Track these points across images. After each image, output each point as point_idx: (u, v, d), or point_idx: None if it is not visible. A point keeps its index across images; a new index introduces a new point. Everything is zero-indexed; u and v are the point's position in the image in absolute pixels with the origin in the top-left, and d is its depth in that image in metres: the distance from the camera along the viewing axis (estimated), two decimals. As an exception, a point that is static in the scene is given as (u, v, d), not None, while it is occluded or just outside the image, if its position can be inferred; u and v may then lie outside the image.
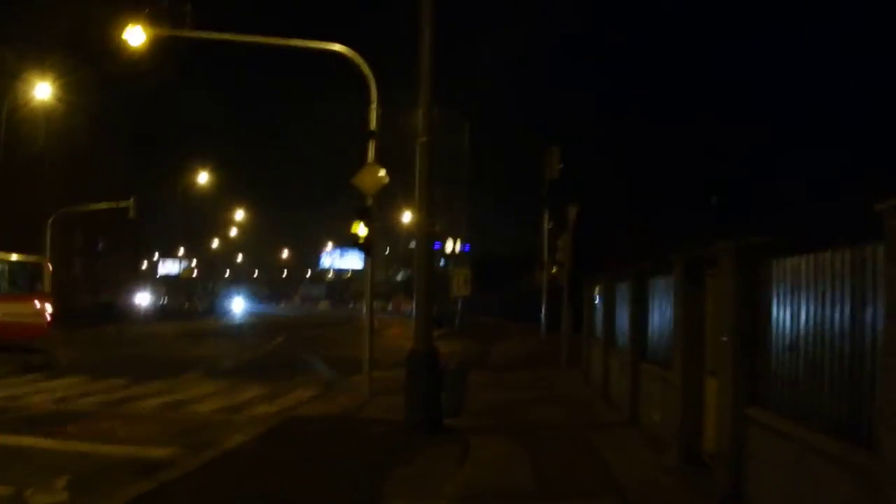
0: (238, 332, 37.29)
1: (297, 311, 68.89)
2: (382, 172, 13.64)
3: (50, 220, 36.82)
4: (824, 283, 4.94)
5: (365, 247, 13.36)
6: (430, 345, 10.32)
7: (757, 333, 5.94)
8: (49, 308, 24.01)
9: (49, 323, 24.10)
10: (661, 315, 9.45)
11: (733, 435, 6.16)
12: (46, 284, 24.30)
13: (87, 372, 16.85)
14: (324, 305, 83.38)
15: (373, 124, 14.09)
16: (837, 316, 4.78)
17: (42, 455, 8.76)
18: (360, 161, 14.00)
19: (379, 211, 14.50)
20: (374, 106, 14.15)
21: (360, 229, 13.15)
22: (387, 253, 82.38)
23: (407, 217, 53.88)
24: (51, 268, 25.07)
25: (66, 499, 7.19)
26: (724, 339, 6.28)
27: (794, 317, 5.37)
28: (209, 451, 9.05)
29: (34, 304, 23.56)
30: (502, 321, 42.44)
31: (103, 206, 41.08)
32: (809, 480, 5.00)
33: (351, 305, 78.45)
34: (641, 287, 10.48)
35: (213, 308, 61.51)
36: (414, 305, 10.82)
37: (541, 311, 29.05)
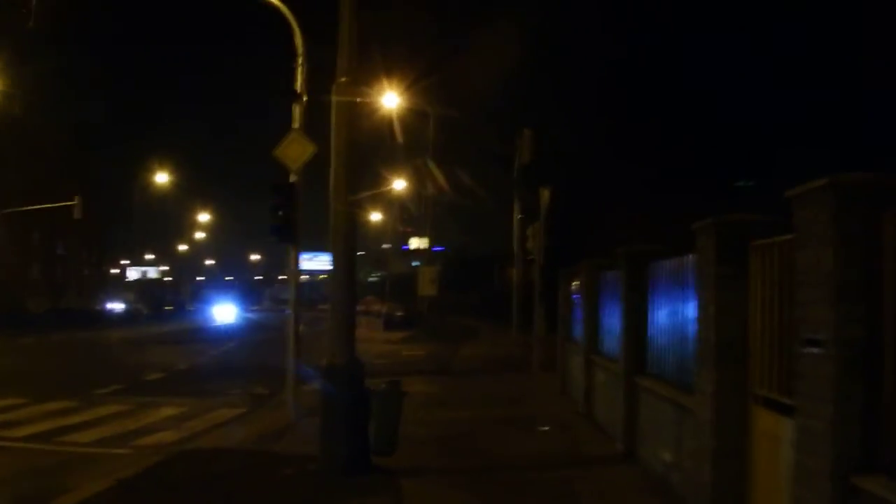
0: (192, 338, 34.48)
1: (264, 315, 66.35)
2: (308, 142, 11.10)
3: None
4: None
5: (284, 231, 10.61)
6: (351, 358, 7.57)
7: (880, 343, 3.27)
8: None
9: None
10: (670, 312, 6.77)
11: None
12: None
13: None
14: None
15: (298, 84, 11.48)
16: None
17: None
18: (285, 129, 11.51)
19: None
20: (300, 62, 11.60)
21: (280, 210, 10.48)
22: (363, 254, 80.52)
23: (375, 216, 51.06)
24: None
25: None
26: (812, 350, 3.59)
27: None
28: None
29: None
30: (474, 321, 40.21)
31: (46, 206, 39.08)
32: None
33: (320, 307, 75.79)
34: (639, 274, 7.75)
35: (177, 312, 59.27)
36: (329, 307, 8.04)
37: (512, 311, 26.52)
